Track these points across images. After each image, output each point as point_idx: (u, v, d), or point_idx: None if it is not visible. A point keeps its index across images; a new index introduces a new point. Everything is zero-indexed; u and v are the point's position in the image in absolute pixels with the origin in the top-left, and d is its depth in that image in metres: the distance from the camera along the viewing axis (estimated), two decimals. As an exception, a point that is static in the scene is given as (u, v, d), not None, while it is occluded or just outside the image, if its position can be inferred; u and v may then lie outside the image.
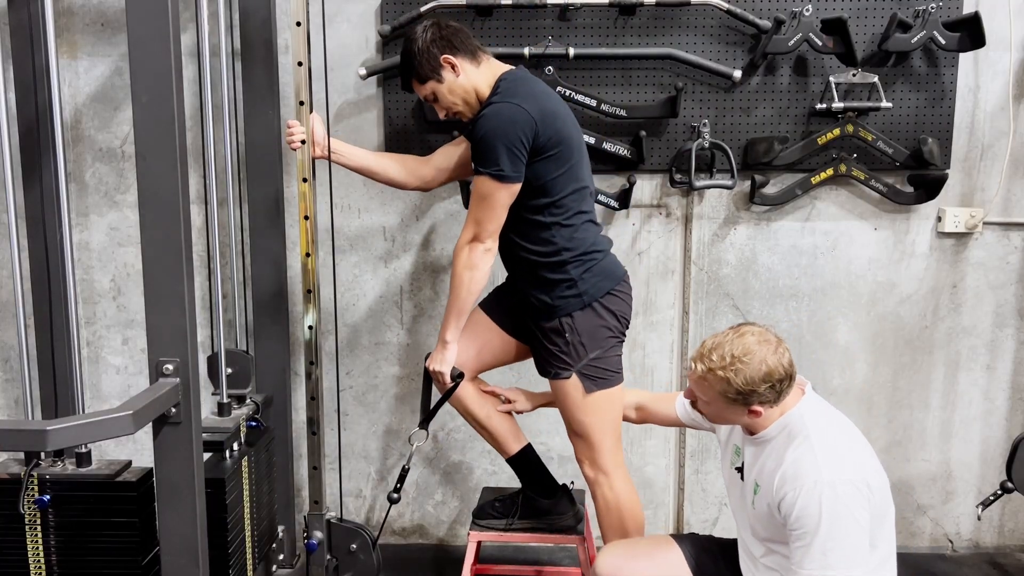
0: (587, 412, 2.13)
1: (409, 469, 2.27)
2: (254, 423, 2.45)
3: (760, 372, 1.63)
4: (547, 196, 2.04)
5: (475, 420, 2.29)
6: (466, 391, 2.25)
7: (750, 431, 1.76)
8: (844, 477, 1.59)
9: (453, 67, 2.06)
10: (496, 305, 2.29)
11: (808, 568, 1.59)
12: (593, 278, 2.08)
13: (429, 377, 2.22)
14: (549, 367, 2.15)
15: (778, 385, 1.65)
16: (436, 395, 2.25)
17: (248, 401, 2.45)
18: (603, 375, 2.12)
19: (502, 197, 2.00)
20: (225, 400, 2.32)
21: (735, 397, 1.66)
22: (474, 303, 2.12)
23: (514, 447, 2.31)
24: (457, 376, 2.18)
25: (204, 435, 1.99)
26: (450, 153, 2.31)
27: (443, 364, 2.15)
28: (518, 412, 2.33)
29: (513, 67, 2.14)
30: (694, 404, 1.80)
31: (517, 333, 2.26)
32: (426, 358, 2.21)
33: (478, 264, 2.04)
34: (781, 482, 1.64)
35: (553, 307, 2.09)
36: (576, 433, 2.18)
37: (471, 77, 2.07)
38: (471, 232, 2.04)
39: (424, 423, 2.27)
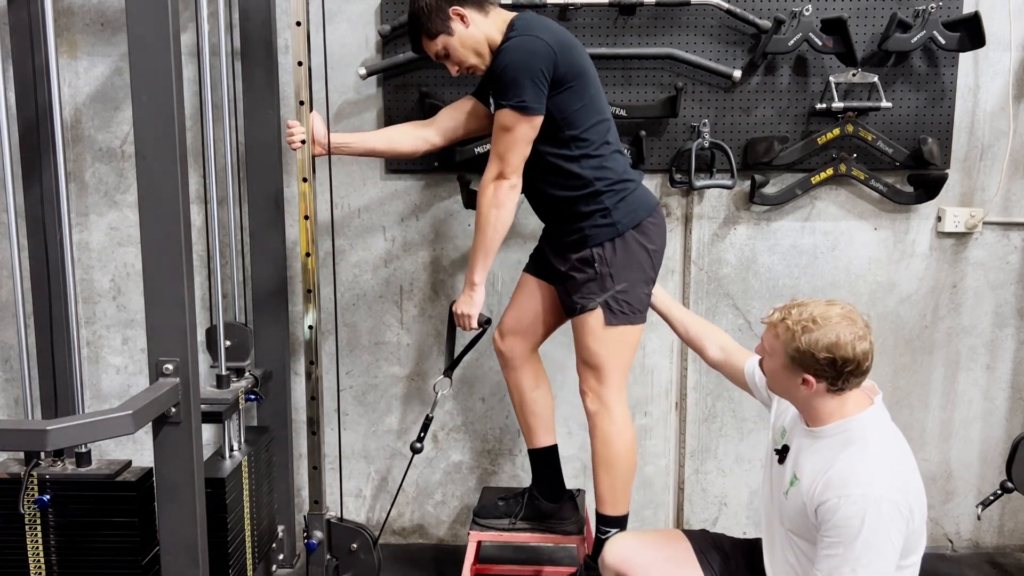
0: (603, 344, 2.12)
1: (432, 418, 2.30)
2: (253, 396, 2.45)
3: (826, 340, 1.58)
4: (572, 128, 2.04)
5: (521, 398, 2.30)
6: (528, 367, 2.28)
7: (807, 421, 1.72)
8: (891, 497, 1.54)
9: (462, 18, 2.06)
10: (538, 266, 2.30)
11: None
12: (626, 207, 2.09)
13: (453, 321, 2.21)
14: (576, 300, 2.12)
15: (840, 364, 1.59)
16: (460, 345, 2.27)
17: (247, 374, 2.45)
18: (627, 309, 2.11)
19: (525, 130, 2.00)
20: (224, 372, 2.33)
21: (794, 355, 1.62)
22: (500, 241, 2.11)
23: (543, 441, 2.32)
24: (485, 321, 2.18)
25: (203, 407, 1.99)
26: (453, 114, 2.30)
27: (471, 307, 2.15)
28: None
29: (521, 11, 2.15)
30: (762, 362, 1.76)
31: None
32: (451, 304, 2.20)
33: (504, 201, 2.04)
34: (826, 485, 1.59)
35: (585, 237, 2.09)
36: (587, 363, 2.16)
37: (481, 27, 2.07)
38: (496, 169, 2.03)
39: (449, 370, 2.28)
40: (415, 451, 2.29)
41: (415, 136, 2.29)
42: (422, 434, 2.28)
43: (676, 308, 2.25)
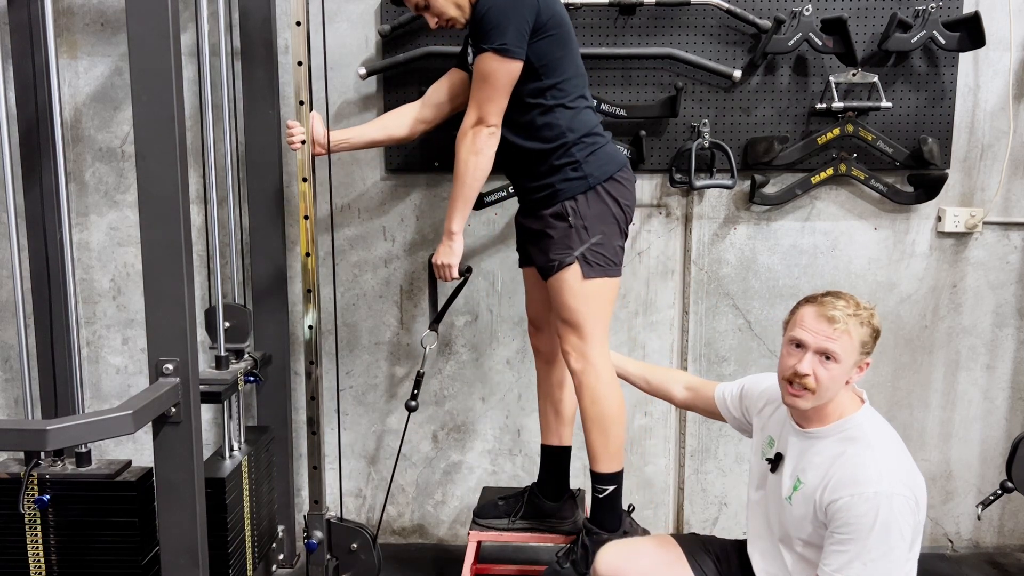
0: (582, 299, 2.09)
1: (424, 373, 2.32)
2: (252, 378, 2.44)
3: (876, 315, 1.69)
4: (550, 77, 2.03)
5: (549, 391, 2.32)
6: (562, 363, 2.23)
7: (802, 423, 1.73)
8: (901, 492, 1.57)
9: None
10: (525, 255, 2.29)
11: (844, 574, 1.57)
12: (596, 161, 2.08)
13: (434, 274, 2.19)
14: (552, 257, 2.09)
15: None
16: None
17: (246, 356, 2.45)
18: (603, 261, 2.09)
19: (505, 75, 1.98)
20: (223, 354, 2.33)
21: (867, 341, 1.66)
22: (479, 189, 2.09)
23: (559, 440, 2.34)
24: (466, 270, 2.17)
25: (202, 387, 1.98)
26: (441, 87, 2.29)
27: (451, 256, 2.13)
28: None
29: None
30: (801, 379, 1.65)
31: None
32: (430, 257, 2.18)
33: (483, 148, 2.03)
34: (837, 484, 1.61)
35: (557, 191, 2.07)
36: (567, 321, 2.12)
37: None
38: (475, 115, 2.02)
39: (434, 324, 2.30)
40: (410, 409, 2.31)
41: (409, 119, 2.28)
42: (415, 391, 2.31)
43: (631, 365, 2.24)
